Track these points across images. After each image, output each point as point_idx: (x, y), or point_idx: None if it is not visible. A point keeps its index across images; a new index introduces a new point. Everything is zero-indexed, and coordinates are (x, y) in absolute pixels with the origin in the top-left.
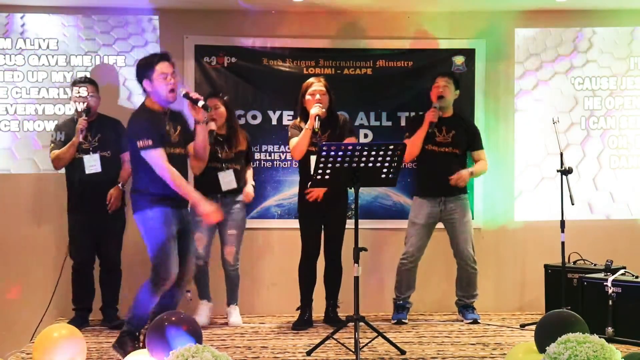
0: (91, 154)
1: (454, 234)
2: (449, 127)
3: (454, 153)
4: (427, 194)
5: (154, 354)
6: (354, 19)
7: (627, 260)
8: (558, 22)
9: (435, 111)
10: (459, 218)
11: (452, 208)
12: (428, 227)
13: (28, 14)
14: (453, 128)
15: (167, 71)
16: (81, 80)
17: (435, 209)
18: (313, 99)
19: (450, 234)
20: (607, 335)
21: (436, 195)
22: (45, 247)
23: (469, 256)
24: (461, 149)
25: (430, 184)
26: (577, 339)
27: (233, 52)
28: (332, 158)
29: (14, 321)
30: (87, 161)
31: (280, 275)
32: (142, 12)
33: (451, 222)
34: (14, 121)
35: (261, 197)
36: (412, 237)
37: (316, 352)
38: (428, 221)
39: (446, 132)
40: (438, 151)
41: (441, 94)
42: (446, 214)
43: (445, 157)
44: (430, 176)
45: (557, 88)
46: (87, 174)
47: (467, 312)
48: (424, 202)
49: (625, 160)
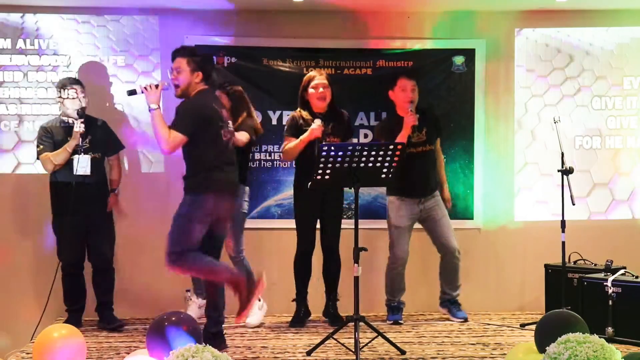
0: (82, 155)
1: (437, 227)
2: (420, 125)
3: (430, 150)
4: (406, 195)
5: (154, 354)
6: (354, 19)
7: (627, 260)
8: (558, 22)
9: (413, 115)
10: (438, 213)
11: (429, 206)
12: (409, 228)
13: (27, 14)
14: (423, 125)
15: (172, 66)
16: (71, 82)
17: (415, 209)
18: (316, 92)
19: (432, 229)
20: (607, 335)
21: (416, 196)
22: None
23: (453, 246)
24: (433, 143)
25: (410, 186)
26: (577, 339)
27: (233, 52)
28: (332, 158)
29: (14, 321)
30: (77, 162)
31: (280, 275)
32: (142, 12)
33: (432, 219)
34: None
35: (261, 197)
36: (398, 241)
37: (316, 352)
38: (409, 223)
39: (418, 130)
40: (415, 152)
41: (412, 98)
42: (425, 212)
43: (422, 157)
44: (410, 177)
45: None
46: (76, 175)
47: (455, 309)
48: (403, 203)
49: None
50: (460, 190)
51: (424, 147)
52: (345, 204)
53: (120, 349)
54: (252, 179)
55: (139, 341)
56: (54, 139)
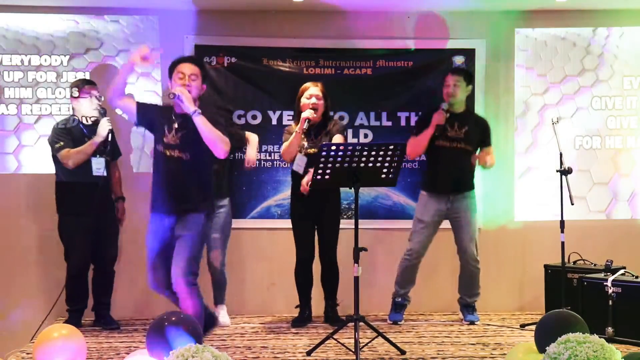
0: (98, 157)
1: (460, 232)
2: (461, 123)
3: (466, 149)
4: (435, 190)
5: (154, 354)
6: (354, 19)
7: (627, 260)
8: (558, 22)
9: (442, 113)
10: (465, 216)
11: (459, 206)
12: (434, 224)
13: (27, 14)
14: (465, 124)
15: (184, 72)
16: (86, 82)
17: (442, 206)
18: (309, 102)
19: (456, 232)
20: (607, 335)
21: (445, 192)
22: (45, 247)
23: (472, 254)
24: (473, 146)
25: (439, 180)
26: (577, 339)
27: (233, 52)
28: (332, 158)
29: (14, 321)
30: (94, 164)
31: (280, 275)
32: (142, 12)
33: (457, 220)
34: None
35: (261, 197)
36: (418, 234)
37: (316, 352)
38: (434, 219)
39: (458, 127)
40: (450, 147)
41: (451, 94)
42: (453, 211)
43: (456, 153)
44: (440, 172)
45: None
46: (93, 176)
47: (468, 312)
48: (431, 199)
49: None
50: None
51: (459, 144)
52: (345, 204)
53: (120, 349)
54: (252, 178)
55: (139, 341)
56: (74, 138)
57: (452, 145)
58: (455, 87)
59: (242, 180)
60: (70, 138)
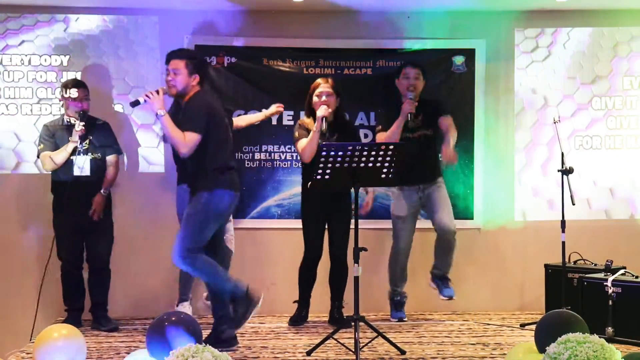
0: (81, 156)
1: (436, 212)
2: (417, 112)
3: (427, 135)
4: (404, 183)
5: (154, 354)
6: (354, 19)
7: (627, 260)
8: (558, 22)
9: (411, 102)
10: (438, 196)
11: (430, 193)
12: (412, 217)
13: (28, 14)
14: (420, 112)
15: (169, 67)
16: (73, 83)
17: (415, 197)
18: (320, 100)
19: (432, 213)
20: (607, 335)
21: (415, 183)
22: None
23: (450, 229)
24: (433, 127)
25: (407, 173)
26: (577, 339)
27: (233, 52)
28: (332, 158)
29: (14, 321)
30: (76, 163)
31: (280, 275)
32: (142, 12)
33: (430, 201)
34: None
35: (261, 197)
36: (400, 231)
37: (316, 352)
38: (411, 211)
39: (415, 116)
40: (412, 137)
41: (414, 85)
42: (426, 199)
43: (420, 142)
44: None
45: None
46: (74, 175)
47: (444, 285)
48: (402, 193)
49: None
50: (460, 190)
51: (420, 132)
52: None
53: (120, 349)
54: (252, 178)
55: (139, 341)
56: (56, 138)
57: (414, 135)
58: (416, 80)
59: (242, 180)
60: (54, 140)
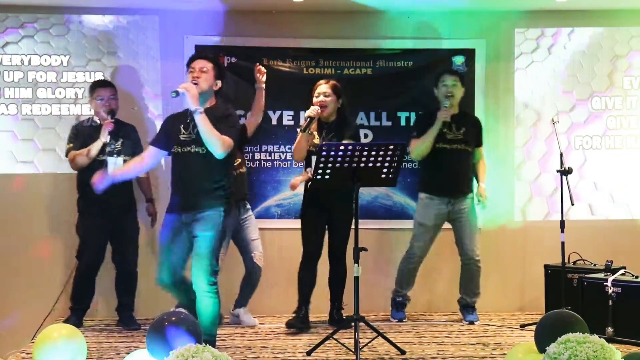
0: (115, 157)
1: (461, 233)
2: (459, 124)
3: (466, 150)
4: (436, 192)
5: (154, 354)
6: (354, 19)
7: (627, 260)
8: (558, 22)
9: (447, 110)
10: (467, 218)
11: (460, 208)
12: (435, 228)
13: (27, 14)
14: (463, 125)
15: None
16: (102, 83)
17: (443, 208)
18: (317, 99)
19: (457, 233)
20: (607, 335)
21: (446, 194)
22: (44, 247)
23: (473, 255)
24: (471, 147)
25: (440, 183)
26: (577, 339)
27: (233, 52)
28: (332, 158)
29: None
30: (110, 164)
31: (280, 276)
32: (142, 12)
33: (459, 222)
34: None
35: (261, 197)
36: (420, 239)
37: (316, 352)
38: (436, 222)
39: (456, 129)
40: (450, 149)
41: (450, 93)
42: (455, 213)
43: (456, 154)
44: (440, 174)
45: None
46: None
47: (468, 313)
48: (431, 202)
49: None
50: None
51: (459, 146)
52: None
53: (120, 349)
54: (252, 178)
55: (139, 341)
56: (85, 138)
57: (452, 147)
58: (454, 87)
59: None
60: (82, 139)
